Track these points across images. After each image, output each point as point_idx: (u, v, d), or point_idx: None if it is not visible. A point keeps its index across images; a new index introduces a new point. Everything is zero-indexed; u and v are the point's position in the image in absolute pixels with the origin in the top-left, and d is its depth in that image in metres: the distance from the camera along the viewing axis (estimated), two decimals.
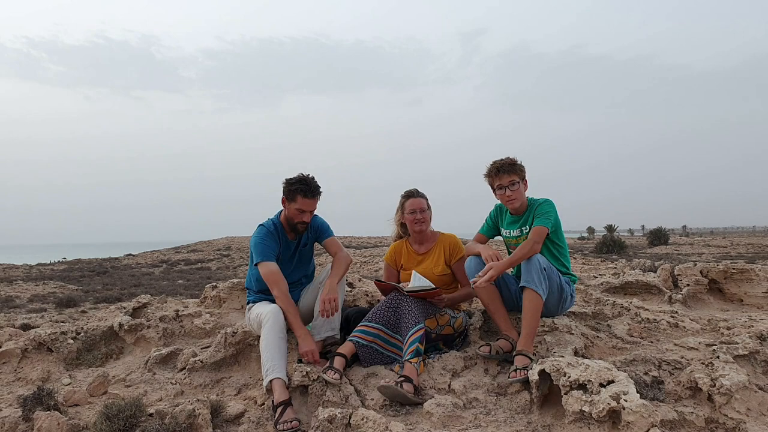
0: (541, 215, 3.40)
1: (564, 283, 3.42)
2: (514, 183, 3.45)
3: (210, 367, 3.56)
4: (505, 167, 3.45)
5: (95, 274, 24.95)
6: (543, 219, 3.38)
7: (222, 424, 2.89)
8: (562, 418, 2.59)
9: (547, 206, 3.45)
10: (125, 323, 4.21)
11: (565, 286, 3.43)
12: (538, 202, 3.50)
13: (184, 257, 35.74)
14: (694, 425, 2.45)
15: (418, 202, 3.74)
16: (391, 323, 3.38)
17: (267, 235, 3.54)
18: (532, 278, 3.15)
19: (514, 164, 3.47)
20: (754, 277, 4.68)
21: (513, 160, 3.49)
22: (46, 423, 2.78)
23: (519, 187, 3.47)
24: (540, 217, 3.40)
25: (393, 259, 3.95)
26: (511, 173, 3.45)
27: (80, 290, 16.37)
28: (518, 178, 3.47)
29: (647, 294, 4.92)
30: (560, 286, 3.38)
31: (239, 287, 4.89)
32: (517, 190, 3.46)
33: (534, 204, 3.52)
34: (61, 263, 34.11)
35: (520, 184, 3.48)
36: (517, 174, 3.46)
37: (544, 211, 3.42)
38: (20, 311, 11.09)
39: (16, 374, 3.78)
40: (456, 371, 3.23)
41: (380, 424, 2.59)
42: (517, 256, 3.25)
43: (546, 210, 3.42)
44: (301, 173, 3.52)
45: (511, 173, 3.45)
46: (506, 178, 3.45)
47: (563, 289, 3.41)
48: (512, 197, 3.46)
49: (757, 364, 2.97)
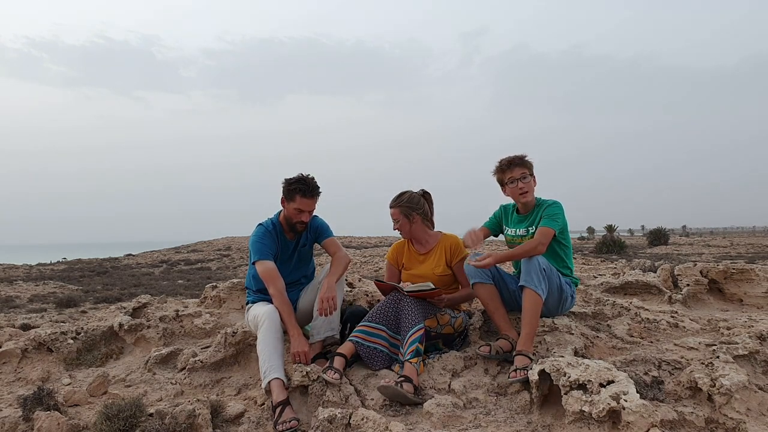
0: (549, 216, 3.40)
1: (564, 284, 3.42)
2: (525, 176, 3.49)
3: (210, 367, 3.56)
4: (517, 160, 3.51)
5: (95, 274, 24.96)
6: (550, 221, 3.38)
7: (222, 424, 2.89)
8: (562, 418, 2.59)
9: (556, 208, 3.45)
10: (125, 323, 4.21)
11: (566, 287, 3.42)
12: (547, 203, 3.51)
13: (184, 257, 35.75)
14: (694, 425, 2.45)
15: (392, 213, 3.79)
16: (391, 323, 3.39)
17: (265, 235, 3.55)
18: (532, 278, 3.15)
19: (524, 158, 3.53)
20: (754, 277, 4.68)
21: (523, 155, 3.55)
22: (46, 423, 2.78)
23: (530, 180, 3.51)
24: (548, 218, 3.40)
25: (395, 258, 3.95)
26: (522, 166, 3.50)
27: (80, 290, 16.37)
28: (528, 171, 3.52)
29: (647, 294, 4.92)
30: (560, 287, 3.38)
31: (239, 287, 4.89)
32: (528, 182, 3.49)
33: (543, 204, 3.53)
34: (61, 263, 34.12)
35: (532, 178, 3.53)
36: (528, 168, 3.52)
37: (553, 212, 3.42)
38: (20, 311, 11.09)
39: (16, 374, 3.78)
40: (456, 371, 3.23)
41: (380, 424, 2.59)
42: (519, 251, 3.26)
43: (554, 212, 3.42)
44: (300, 173, 3.53)
45: (522, 166, 3.51)
46: (518, 170, 3.49)
47: (563, 290, 3.40)
48: (524, 189, 3.49)
49: (757, 364, 2.96)
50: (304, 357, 3.21)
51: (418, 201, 3.80)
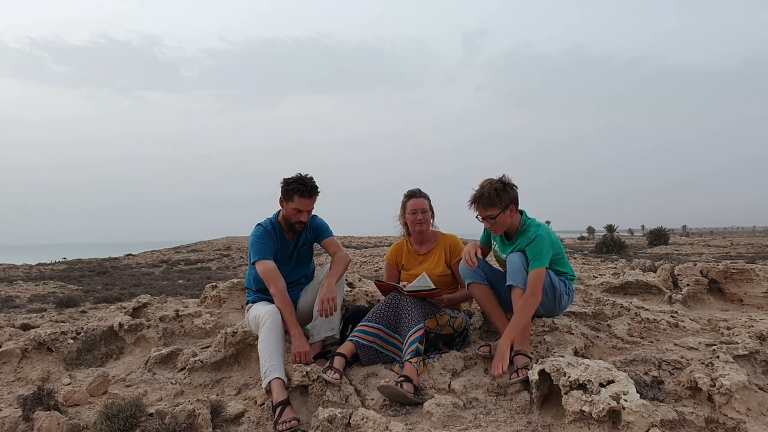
0: (534, 258, 3.17)
1: (557, 281, 3.35)
2: (491, 217, 3.24)
3: (210, 367, 3.56)
4: (482, 200, 3.23)
5: (95, 274, 24.97)
6: (537, 261, 3.16)
7: (222, 424, 2.89)
8: (562, 418, 2.59)
9: (539, 244, 3.19)
10: (125, 323, 4.21)
11: (558, 285, 3.36)
12: (529, 237, 3.24)
13: (184, 257, 35.76)
14: (694, 425, 2.45)
15: (419, 203, 3.74)
16: (390, 323, 3.39)
17: (264, 234, 3.55)
18: (518, 277, 3.15)
19: (493, 196, 3.20)
20: (754, 277, 4.68)
21: (495, 190, 3.21)
22: (46, 423, 2.78)
23: (498, 218, 3.24)
24: (533, 260, 3.18)
25: (394, 259, 3.95)
26: (488, 206, 3.22)
27: (80, 290, 16.38)
28: (497, 210, 3.22)
29: (647, 294, 4.92)
30: (551, 284, 3.30)
31: (239, 287, 4.89)
32: (495, 222, 3.25)
33: (527, 230, 3.30)
34: (61, 263, 34.14)
35: (501, 215, 3.24)
36: (496, 206, 3.21)
37: (536, 252, 3.18)
38: (20, 311, 11.10)
39: (16, 374, 3.78)
40: (456, 371, 3.23)
41: (380, 424, 2.59)
42: (521, 314, 3.08)
43: (538, 250, 3.18)
44: (299, 173, 3.53)
45: (489, 206, 3.22)
46: (483, 211, 3.26)
47: (556, 288, 3.34)
48: (492, 228, 3.31)
49: (757, 364, 2.96)
50: (304, 357, 3.21)
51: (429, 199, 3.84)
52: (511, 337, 3.07)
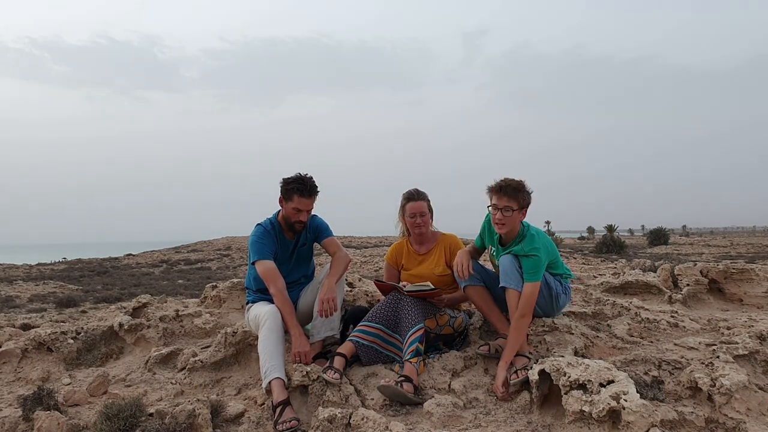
0: (529, 272, 3.15)
1: (552, 281, 3.34)
2: (509, 209, 3.18)
3: (210, 367, 3.56)
4: (508, 189, 3.18)
5: (95, 274, 24.96)
6: (531, 275, 3.14)
7: (222, 424, 2.89)
8: (562, 418, 2.59)
9: (534, 260, 3.16)
10: (125, 323, 4.21)
11: (554, 284, 3.35)
12: (524, 249, 3.20)
13: (184, 257, 35.75)
14: (694, 425, 2.45)
15: (418, 206, 3.75)
16: (390, 323, 3.39)
17: (264, 234, 3.55)
18: (510, 278, 3.15)
19: (519, 190, 3.19)
20: (754, 277, 4.68)
21: (521, 185, 3.22)
22: (46, 423, 2.78)
23: (512, 215, 3.19)
24: (528, 273, 3.15)
25: (394, 259, 3.95)
26: (511, 198, 3.18)
27: (80, 290, 16.38)
28: (516, 205, 3.19)
29: (647, 294, 4.92)
30: (546, 285, 3.30)
31: (239, 287, 4.89)
32: (509, 217, 3.19)
33: (522, 240, 3.24)
34: (61, 263, 34.13)
35: (516, 213, 3.20)
36: (517, 201, 3.19)
37: (531, 267, 3.15)
38: (20, 311, 11.10)
39: (16, 374, 3.78)
40: (456, 371, 3.23)
41: (380, 424, 2.59)
42: (514, 337, 3.07)
43: (535, 264, 3.16)
44: (298, 173, 3.53)
45: (512, 198, 3.18)
46: (504, 200, 3.18)
47: (551, 287, 3.33)
48: (501, 222, 3.23)
49: (757, 364, 2.97)
50: (304, 357, 3.21)
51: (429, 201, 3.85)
52: (508, 360, 3.06)
